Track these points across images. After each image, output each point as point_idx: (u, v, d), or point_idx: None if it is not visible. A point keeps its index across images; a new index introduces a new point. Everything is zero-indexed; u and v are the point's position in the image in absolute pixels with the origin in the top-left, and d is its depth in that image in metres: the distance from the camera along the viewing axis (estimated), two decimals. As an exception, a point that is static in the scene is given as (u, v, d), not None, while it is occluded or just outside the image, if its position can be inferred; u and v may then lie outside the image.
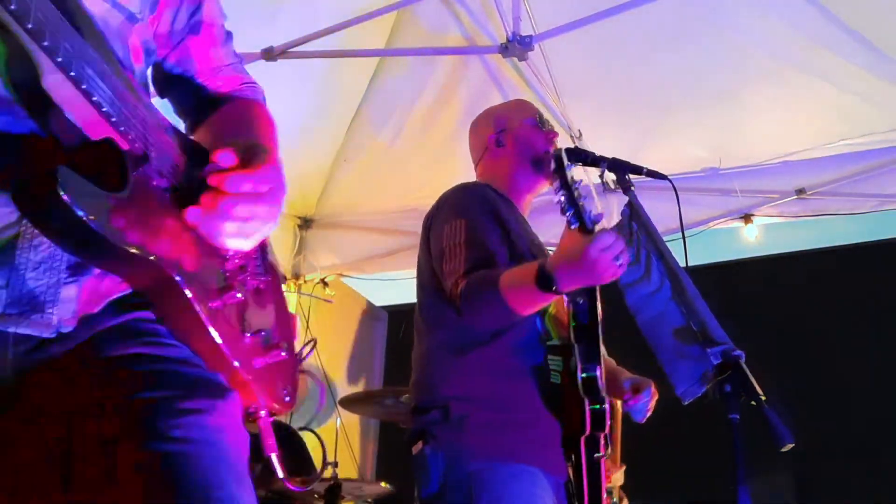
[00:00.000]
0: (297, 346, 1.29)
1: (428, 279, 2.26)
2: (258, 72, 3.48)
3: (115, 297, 1.05)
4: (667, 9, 3.39)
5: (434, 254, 2.22)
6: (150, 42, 1.18)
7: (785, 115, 3.99)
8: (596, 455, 2.13)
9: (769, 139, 4.18)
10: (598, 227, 1.87)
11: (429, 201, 2.37)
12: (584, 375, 2.11)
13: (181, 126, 1.30)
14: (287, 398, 1.20)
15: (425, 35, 3.86)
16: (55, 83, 0.89)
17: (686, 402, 2.28)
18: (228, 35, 1.33)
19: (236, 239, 1.06)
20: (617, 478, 4.49)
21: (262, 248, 1.23)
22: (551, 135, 2.44)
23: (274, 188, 1.08)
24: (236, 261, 1.12)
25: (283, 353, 1.15)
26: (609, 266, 1.81)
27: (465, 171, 2.65)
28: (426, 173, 4.39)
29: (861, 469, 5.66)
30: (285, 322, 1.24)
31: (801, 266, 5.73)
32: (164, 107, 1.25)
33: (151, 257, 0.95)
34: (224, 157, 1.04)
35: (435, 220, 2.28)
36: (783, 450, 1.92)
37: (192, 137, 1.22)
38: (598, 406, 2.11)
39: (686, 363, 2.26)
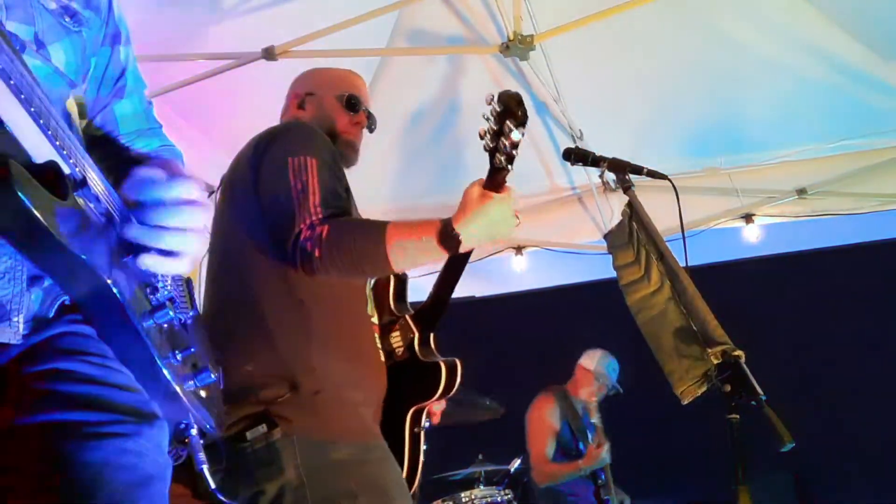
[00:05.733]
0: None
1: (252, 218, 1.92)
2: (258, 72, 3.49)
3: (64, 296, 1.11)
4: (667, 9, 3.40)
5: (265, 183, 1.91)
6: (84, 106, 1.28)
7: (785, 115, 3.98)
8: (416, 429, 2.00)
9: (769, 139, 4.18)
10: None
11: (429, 202, 2.31)
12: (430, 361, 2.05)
13: None
14: (218, 419, 1.24)
15: (425, 35, 3.86)
16: (6, 108, 0.94)
17: (685, 402, 2.28)
18: (150, 103, 1.43)
19: (173, 259, 1.09)
20: None
21: (188, 283, 1.29)
22: (359, 118, 2.28)
23: (201, 199, 1.12)
24: (165, 292, 1.16)
25: (213, 376, 1.19)
26: (511, 224, 1.72)
27: (467, 171, 2.64)
28: (427, 173, 4.38)
29: (861, 469, 5.66)
30: (209, 351, 1.30)
31: (801, 266, 5.73)
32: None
33: (91, 264, 0.98)
34: (152, 171, 1.12)
35: (271, 148, 1.96)
36: (783, 450, 1.92)
37: None
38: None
39: (686, 363, 2.27)
